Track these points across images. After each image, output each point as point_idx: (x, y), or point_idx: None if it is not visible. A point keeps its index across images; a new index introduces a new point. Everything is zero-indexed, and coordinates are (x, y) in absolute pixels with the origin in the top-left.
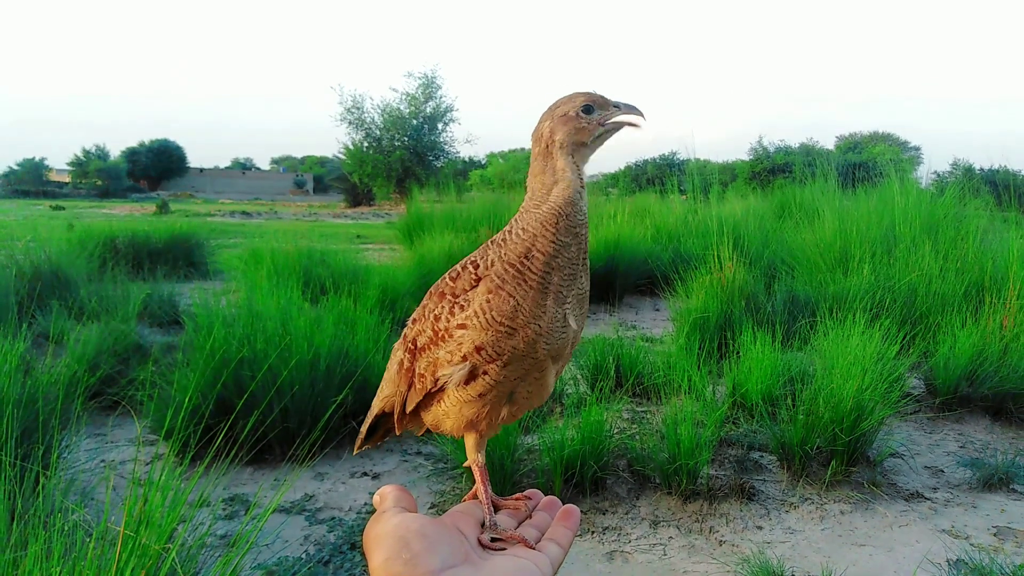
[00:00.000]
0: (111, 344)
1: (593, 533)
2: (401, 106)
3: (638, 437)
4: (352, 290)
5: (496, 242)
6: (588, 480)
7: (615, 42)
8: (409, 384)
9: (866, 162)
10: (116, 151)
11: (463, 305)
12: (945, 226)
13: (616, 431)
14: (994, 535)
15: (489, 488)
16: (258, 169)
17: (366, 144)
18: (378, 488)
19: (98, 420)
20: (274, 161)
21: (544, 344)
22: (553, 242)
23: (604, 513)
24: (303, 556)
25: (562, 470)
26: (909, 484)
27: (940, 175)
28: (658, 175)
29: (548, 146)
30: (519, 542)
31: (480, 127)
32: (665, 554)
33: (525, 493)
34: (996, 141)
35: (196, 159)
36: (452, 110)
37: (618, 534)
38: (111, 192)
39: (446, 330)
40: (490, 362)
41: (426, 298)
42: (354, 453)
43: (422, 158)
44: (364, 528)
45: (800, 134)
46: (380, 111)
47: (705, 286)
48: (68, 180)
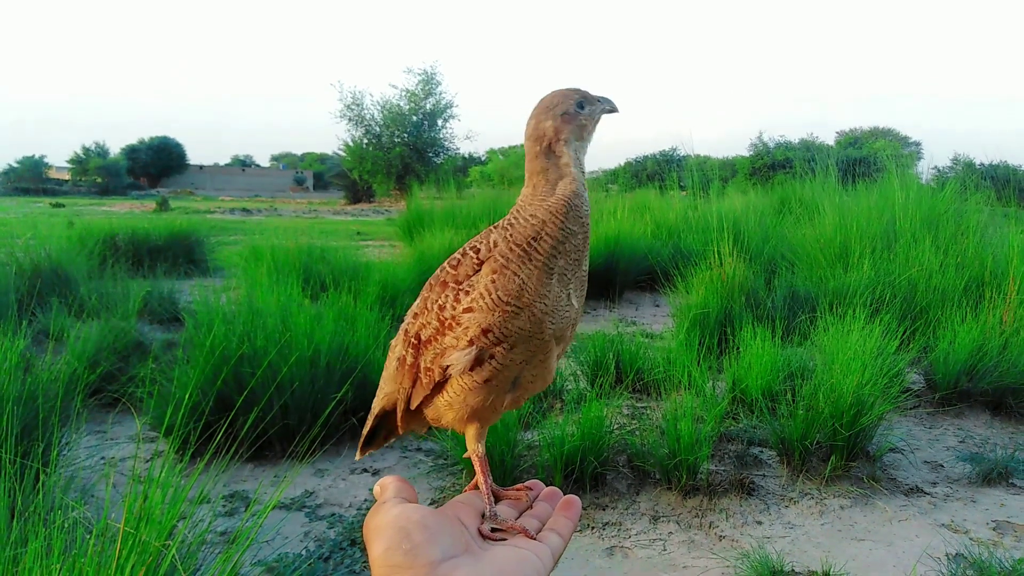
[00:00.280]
0: (111, 341)
1: (593, 528)
2: (401, 102)
3: (638, 433)
4: (352, 287)
5: (500, 227)
6: (588, 476)
7: (615, 39)
8: (413, 380)
9: (866, 158)
10: (116, 148)
11: (467, 290)
12: (945, 221)
13: (616, 427)
14: (993, 529)
15: (489, 478)
16: (258, 166)
17: (366, 141)
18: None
19: (98, 417)
20: (274, 158)
21: (550, 323)
22: (562, 228)
23: (604, 508)
24: (303, 552)
25: (562, 466)
26: (909, 479)
27: (940, 170)
28: (658, 171)
29: (552, 144)
30: (520, 532)
31: (480, 123)
32: (665, 549)
33: (526, 484)
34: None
35: (196, 156)
36: (452, 106)
37: (618, 529)
38: (111, 189)
39: (452, 318)
40: (497, 344)
41: (425, 291)
42: (357, 458)
43: (422, 154)
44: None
45: (800, 130)
46: (380, 108)
47: (705, 282)
48: (68, 178)
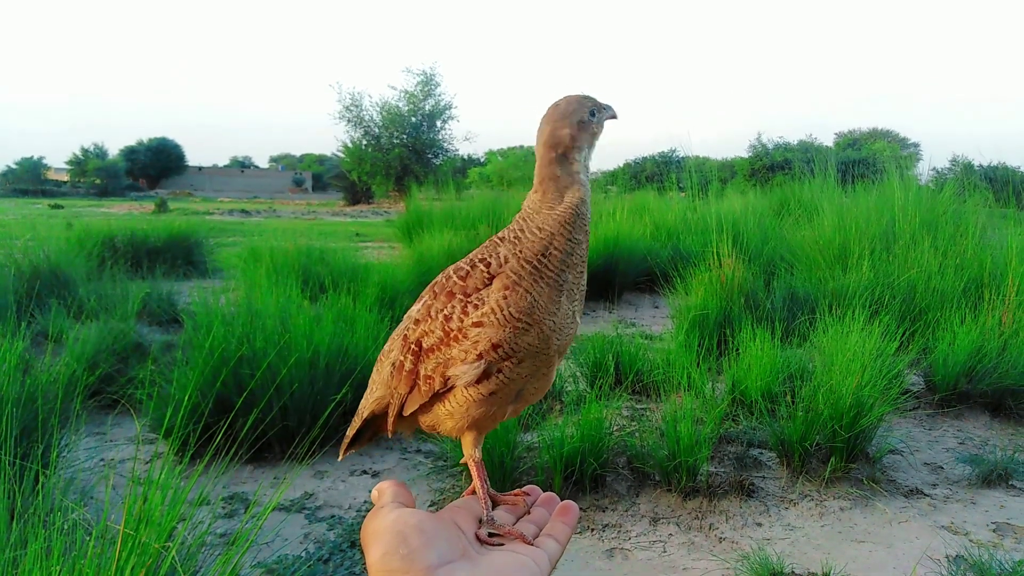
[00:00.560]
0: (110, 343)
1: (593, 530)
2: (400, 104)
3: (638, 434)
4: (351, 288)
5: (508, 240)
6: (588, 477)
7: (614, 40)
8: (410, 387)
9: (865, 159)
10: (115, 150)
11: (477, 304)
12: (944, 222)
13: (616, 428)
14: (993, 531)
15: (487, 483)
16: (257, 167)
17: (365, 142)
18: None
19: (97, 419)
20: (273, 159)
21: (556, 339)
22: (569, 239)
23: (604, 510)
24: (303, 554)
25: (562, 467)
26: (908, 480)
27: (939, 171)
28: (657, 173)
29: (567, 152)
30: (517, 538)
31: (479, 124)
32: (665, 551)
33: (524, 489)
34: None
35: (195, 158)
36: (451, 107)
37: (618, 531)
38: (110, 191)
39: (459, 330)
40: (505, 359)
41: (428, 297)
42: (339, 459)
43: (421, 156)
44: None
45: (799, 131)
46: (379, 109)
47: (704, 283)
48: (67, 179)
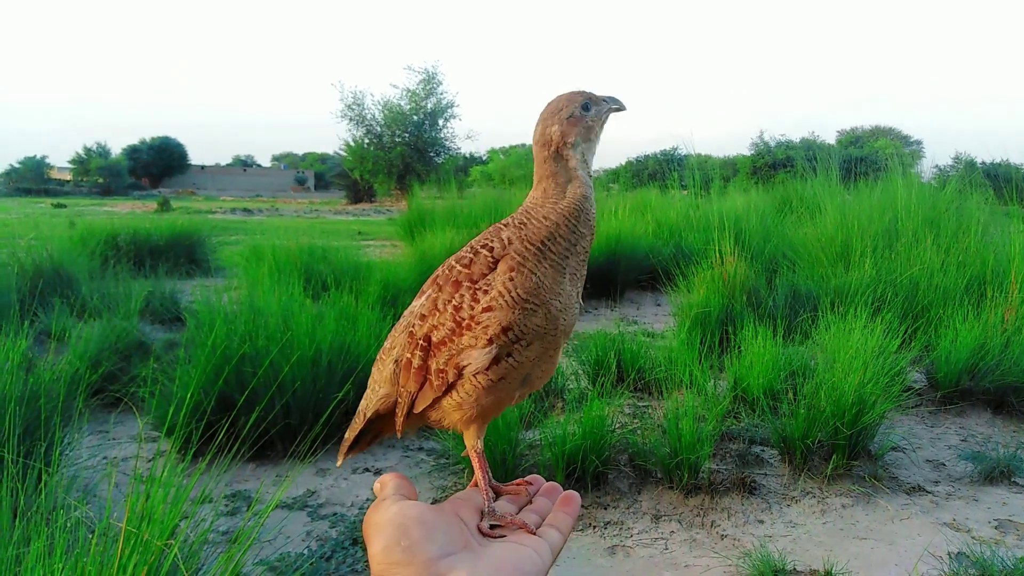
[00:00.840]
0: (113, 341)
1: (595, 528)
2: (402, 102)
3: (639, 432)
4: (353, 286)
5: (512, 225)
6: (590, 475)
7: (616, 38)
8: (421, 383)
9: (867, 156)
10: (117, 149)
11: (486, 289)
12: (947, 220)
13: (617, 426)
14: (995, 528)
15: (488, 475)
16: (259, 166)
17: (367, 140)
18: None
19: (100, 417)
20: (275, 158)
21: (562, 319)
22: (574, 231)
23: (606, 508)
24: (305, 552)
25: (564, 465)
26: (910, 478)
27: (942, 169)
28: (659, 171)
29: (559, 148)
30: (519, 527)
31: (481, 123)
32: (667, 548)
33: (526, 479)
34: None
35: (197, 157)
36: (453, 106)
37: (619, 528)
38: (112, 190)
39: (471, 317)
40: (515, 343)
41: (432, 291)
42: (339, 464)
43: (423, 154)
44: None
45: (801, 129)
46: (381, 107)
47: (706, 281)
48: (69, 178)
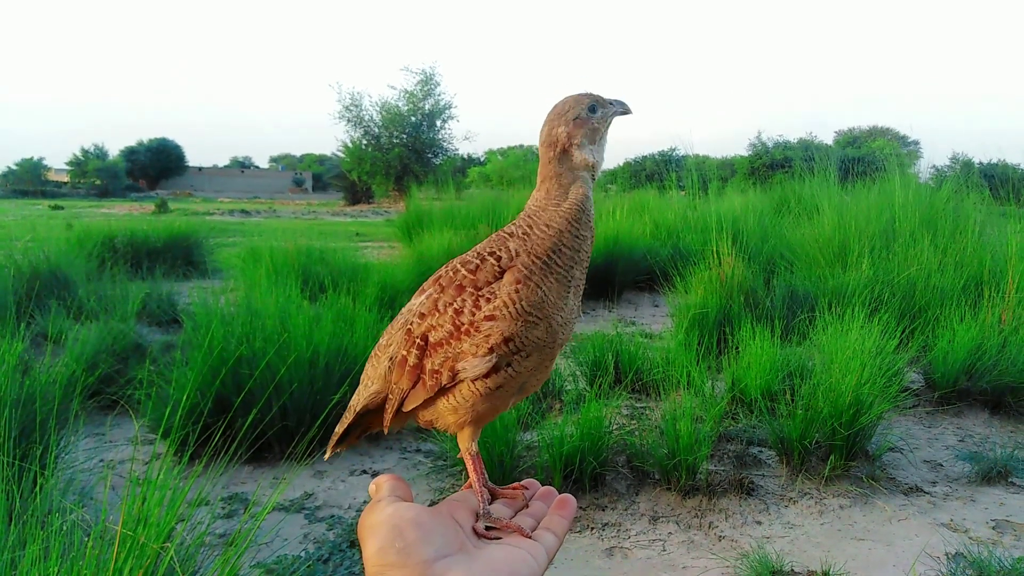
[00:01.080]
0: (110, 343)
1: (592, 529)
2: (399, 103)
3: (637, 433)
4: (351, 288)
5: (517, 235)
6: (587, 476)
7: (614, 39)
8: (413, 382)
9: (865, 157)
10: (115, 150)
11: (489, 297)
12: (944, 220)
13: (615, 427)
14: (993, 528)
15: (484, 477)
16: (257, 168)
17: (365, 142)
18: None
19: (96, 419)
20: (273, 159)
21: (562, 334)
22: (576, 236)
23: (603, 509)
24: (302, 554)
25: (561, 466)
26: (908, 478)
27: (939, 169)
28: (657, 171)
29: (566, 149)
30: (514, 531)
31: (479, 124)
32: (664, 550)
33: (522, 483)
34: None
35: (195, 158)
36: (451, 107)
37: (617, 530)
38: (110, 191)
39: (471, 323)
40: (515, 353)
41: (434, 291)
42: (326, 457)
43: (421, 155)
44: None
45: (799, 130)
46: (378, 108)
47: (704, 282)
48: (67, 180)
